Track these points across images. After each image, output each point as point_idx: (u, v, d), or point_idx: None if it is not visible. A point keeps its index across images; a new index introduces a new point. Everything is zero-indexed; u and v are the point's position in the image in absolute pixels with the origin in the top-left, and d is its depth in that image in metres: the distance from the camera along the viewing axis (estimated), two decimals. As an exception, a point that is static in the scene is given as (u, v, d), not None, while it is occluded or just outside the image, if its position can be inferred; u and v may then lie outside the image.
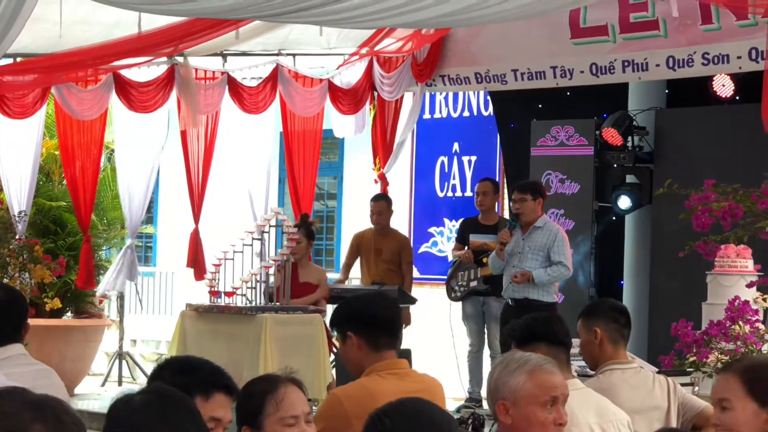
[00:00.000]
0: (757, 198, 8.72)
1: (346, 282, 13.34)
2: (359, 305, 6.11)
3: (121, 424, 3.24)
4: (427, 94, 13.85)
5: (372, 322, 5.75)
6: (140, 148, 12.26)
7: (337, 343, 8.85)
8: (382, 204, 12.78)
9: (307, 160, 12.86)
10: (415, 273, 13.43)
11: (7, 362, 5.76)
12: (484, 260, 11.67)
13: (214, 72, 11.96)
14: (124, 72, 11.54)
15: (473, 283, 11.71)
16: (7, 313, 6.17)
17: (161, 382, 4.20)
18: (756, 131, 9.46)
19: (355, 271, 13.10)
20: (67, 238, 13.45)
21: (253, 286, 12.05)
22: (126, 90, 11.68)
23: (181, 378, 4.20)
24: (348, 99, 12.54)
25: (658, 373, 6.90)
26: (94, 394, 12.68)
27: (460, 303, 12.20)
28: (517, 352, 4.94)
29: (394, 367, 5.63)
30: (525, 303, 10.68)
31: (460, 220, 13.68)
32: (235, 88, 12.08)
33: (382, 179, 13.11)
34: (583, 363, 7.03)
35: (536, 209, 11.12)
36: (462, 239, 12.51)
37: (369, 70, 12.41)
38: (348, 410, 5.30)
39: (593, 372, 6.53)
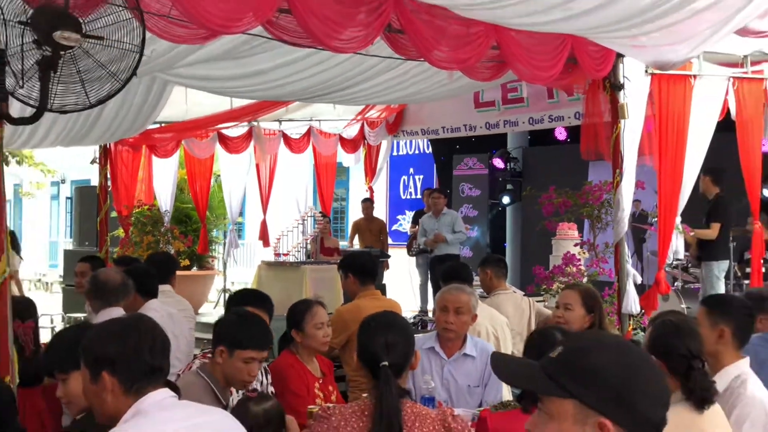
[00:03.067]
0: (579, 196, 8.75)
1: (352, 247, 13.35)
2: (355, 256, 6.12)
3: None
4: (395, 141, 13.80)
5: (362, 267, 5.76)
6: (236, 173, 12.18)
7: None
8: (368, 204, 12.81)
9: (329, 179, 12.78)
10: (390, 241, 13.43)
11: (163, 295, 5.85)
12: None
13: (274, 130, 11.90)
14: (223, 131, 11.49)
15: (422, 247, 11.67)
16: (165, 266, 6.38)
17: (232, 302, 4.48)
18: (578, 159, 9.48)
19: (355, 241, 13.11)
20: (192, 225, 13.43)
21: (299, 250, 12.07)
22: (225, 141, 11.61)
23: (236, 300, 4.42)
24: (350, 144, 12.47)
25: (524, 295, 6.91)
26: (210, 314, 12.59)
27: (414, 257, 12.18)
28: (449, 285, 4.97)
29: (373, 294, 5.66)
30: (444, 256, 10.69)
31: (414, 211, 13.73)
32: (287, 139, 11.99)
33: (371, 189, 13.06)
34: (481, 290, 7.04)
35: (441, 203, 11.19)
36: (415, 222, 12.49)
37: (362, 128, 12.33)
38: (346, 318, 5.32)
39: (487, 295, 6.55)
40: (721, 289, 8.25)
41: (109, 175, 10.79)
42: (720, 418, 3.14)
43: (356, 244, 12.92)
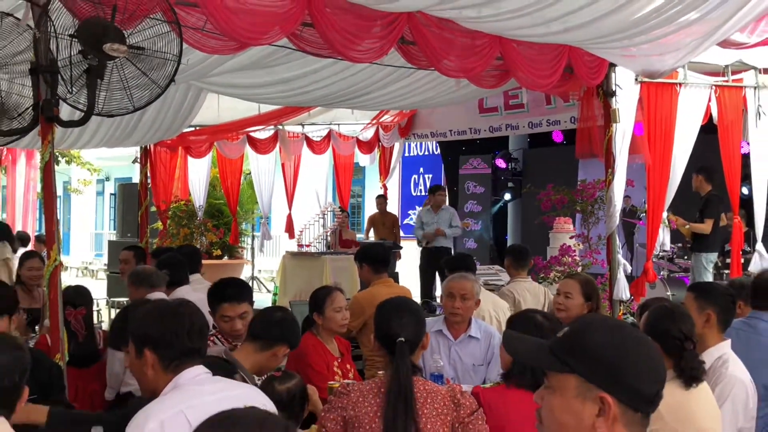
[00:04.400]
0: (574, 194, 8.69)
1: (368, 239, 13.31)
2: (369, 248, 6.09)
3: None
4: (407, 143, 13.75)
5: (375, 258, 5.75)
6: (265, 171, 12.15)
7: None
8: (382, 200, 12.72)
9: (346, 177, 12.78)
10: (402, 233, 13.38)
11: (194, 283, 5.87)
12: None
13: (297, 133, 11.89)
14: (252, 133, 11.50)
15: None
16: (194, 258, 6.31)
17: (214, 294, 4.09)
18: (572, 159, 9.46)
19: (370, 234, 13.07)
20: (224, 219, 13.44)
21: (320, 241, 12.06)
22: (254, 142, 11.62)
23: (217, 292, 4.08)
24: (366, 146, 12.45)
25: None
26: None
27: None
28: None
29: (386, 282, 5.65)
30: (440, 248, 10.65)
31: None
32: (309, 141, 11.98)
33: (384, 187, 13.03)
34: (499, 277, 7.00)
35: (445, 199, 11.09)
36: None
37: (377, 131, 12.29)
38: (362, 303, 5.30)
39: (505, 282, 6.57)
40: (709, 277, 8.21)
41: (148, 174, 10.84)
42: (708, 395, 3.14)
43: (371, 236, 12.90)
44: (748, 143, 7.85)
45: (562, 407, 1.64)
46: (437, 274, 10.47)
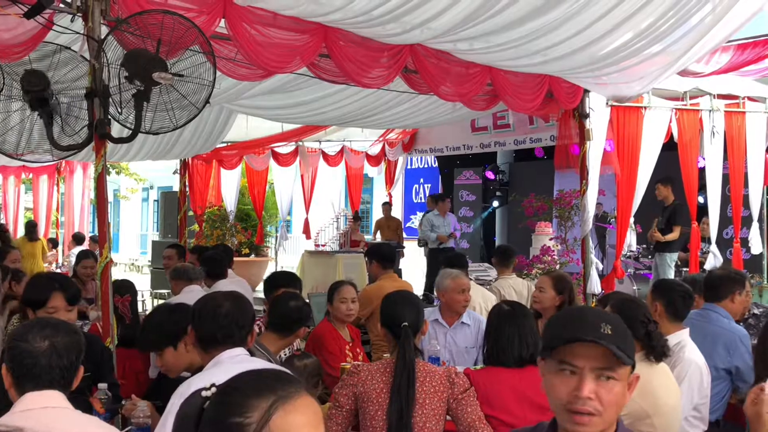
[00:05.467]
0: (553, 201, 8.68)
1: (375, 240, 13.26)
2: (378, 248, 6.09)
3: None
4: (409, 157, 13.71)
5: (383, 255, 5.74)
6: (285, 182, 12.14)
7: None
8: (387, 206, 12.66)
9: (357, 186, 12.74)
10: (404, 235, 13.34)
11: (229, 278, 5.85)
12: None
13: (315, 148, 11.89)
14: (276, 148, 11.50)
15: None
16: (228, 255, 6.36)
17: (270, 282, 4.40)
18: (552, 172, 9.44)
19: (377, 236, 13.04)
20: (251, 222, 13.42)
21: (334, 241, 12.06)
22: (277, 156, 11.62)
23: (273, 281, 4.42)
24: (374, 159, 12.43)
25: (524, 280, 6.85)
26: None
27: (423, 248, 12.09)
28: (447, 270, 4.90)
29: (391, 277, 5.63)
30: (446, 248, 10.62)
31: (424, 212, 13.61)
32: (325, 155, 11.99)
33: (390, 195, 13.01)
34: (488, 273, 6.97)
35: (448, 208, 11.04)
36: (426, 221, 12.39)
37: (383, 147, 12.27)
38: (371, 295, 5.29)
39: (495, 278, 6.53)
40: (671, 274, 8.18)
41: (187, 183, 10.86)
42: (668, 375, 3.17)
43: (378, 238, 12.89)
44: (704, 158, 7.85)
45: (622, 393, 1.70)
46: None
